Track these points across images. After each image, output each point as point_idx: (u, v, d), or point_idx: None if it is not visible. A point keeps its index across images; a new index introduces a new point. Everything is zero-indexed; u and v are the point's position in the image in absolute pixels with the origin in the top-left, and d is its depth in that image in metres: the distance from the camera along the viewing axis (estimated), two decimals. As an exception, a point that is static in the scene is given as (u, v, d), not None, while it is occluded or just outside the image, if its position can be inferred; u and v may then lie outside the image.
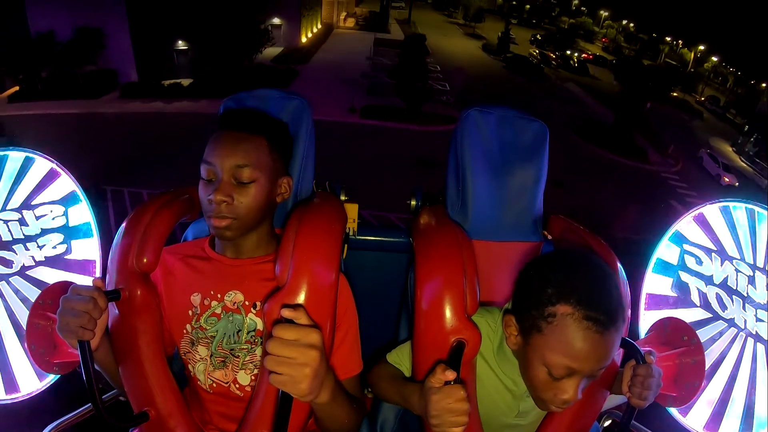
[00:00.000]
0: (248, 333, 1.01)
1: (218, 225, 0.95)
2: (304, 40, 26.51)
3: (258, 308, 1.01)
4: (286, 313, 0.76)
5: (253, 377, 1.00)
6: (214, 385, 1.02)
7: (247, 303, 1.01)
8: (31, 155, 1.29)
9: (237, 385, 1.01)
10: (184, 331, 1.04)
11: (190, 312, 1.03)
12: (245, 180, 0.94)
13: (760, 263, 1.25)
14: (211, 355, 1.02)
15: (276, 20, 23.78)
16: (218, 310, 1.02)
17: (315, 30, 29.73)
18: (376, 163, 13.23)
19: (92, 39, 16.45)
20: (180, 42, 18.74)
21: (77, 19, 16.12)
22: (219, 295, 1.02)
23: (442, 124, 16.73)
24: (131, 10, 17.00)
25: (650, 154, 17.58)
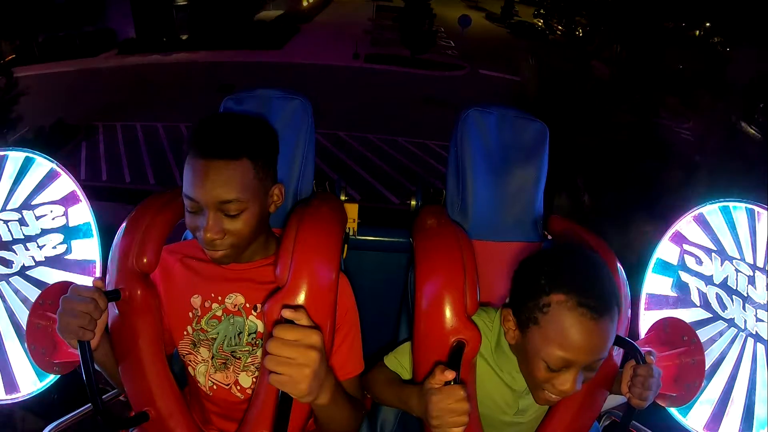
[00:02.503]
0: (249, 335, 1.00)
1: (214, 256, 0.93)
2: (305, 4, 26.34)
3: (259, 310, 1.00)
4: (287, 313, 0.76)
5: (254, 379, 1.00)
6: (215, 387, 1.02)
7: (247, 305, 1.01)
8: (31, 155, 1.29)
9: (238, 387, 1.01)
10: (185, 333, 1.03)
11: (190, 314, 1.03)
12: (233, 213, 0.89)
13: (760, 263, 1.25)
14: (213, 357, 1.01)
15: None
16: (219, 313, 1.01)
17: (316, -3, 29.47)
18: (386, 100, 13.47)
19: (91, -1, 16.20)
20: (179, -2, 18.55)
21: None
22: (219, 298, 1.02)
23: (447, 70, 16.91)
24: (130, -33, 16.73)
25: (661, 111, 17.42)
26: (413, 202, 1.35)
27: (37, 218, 1.28)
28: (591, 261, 0.88)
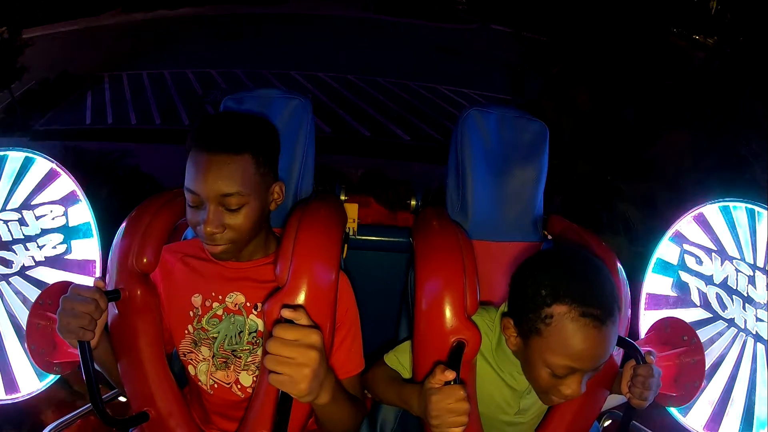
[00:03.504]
0: (250, 334, 1.00)
1: (213, 251, 0.93)
2: None
3: (259, 310, 1.00)
4: (287, 313, 0.76)
5: (254, 378, 1.00)
6: (216, 385, 1.02)
7: (248, 304, 1.01)
8: (31, 155, 1.29)
9: (239, 386, 1.01)
10: (186, 332, 1.03)
11: (191, 313, 1.03)
12: (234, 207, 0.90)
13: (760, 263, 1.25)
14: (213, 356, 1.01)
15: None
16: (219, 312, 1.01)
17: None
18: (397, 49, 13.44)
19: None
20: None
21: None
22: (220, 297, 1.02)
23: (456, 22, 17.02)
24: None
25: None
26: (413, 202, 1.35)
27: (37, 218, 1.28)
28: (589, 265, 0.87)
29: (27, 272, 1.28)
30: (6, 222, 1.27)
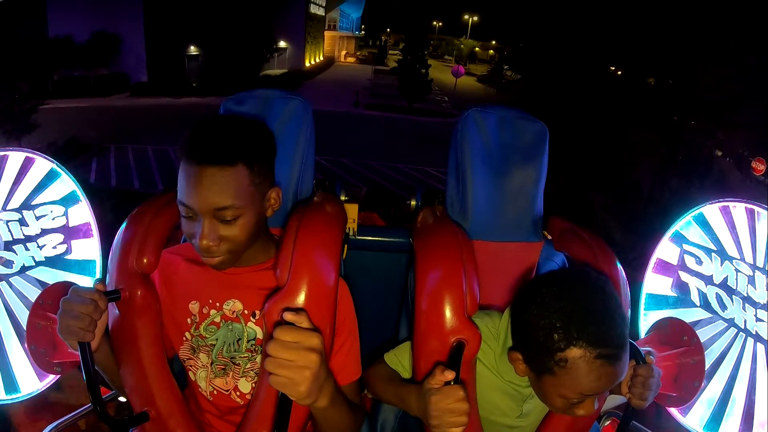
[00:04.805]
0: (248, 342, 0.99)
1: (210, 263, 0.91)
2: (307, 64, 29.64)
3: (257, 317, 0.99)
4: (288, 316, 0.76)
5: (254, 384, 0.99)
6: (215, 392, 1.02)
7: (246, 312, 0.99)
8: (31, 155, 1.29)
9: (238, 393, 1.01)
10: (184, 339, 1.03)
11: (188, 320, 1.02)
12: (229, 218, 0.87)
13: (760, 263, 1.25)
14: (212, 363, 1.01)
15: (282, 43, 26.68)
16: (217, 319, 1.00)
17: (318, 59, 33.55)
18: (386, 139, 15.22)
19: (108, 43, 17.78)
20: (192, 47, 20.35)
21: (95, 24, 17.41)
22: (217, 304, 1.00)
23: (441, 116, 19.19)
24: (148, 17, 18.44)
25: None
26: (413, 202, 1.35)
27: (37, 218, 1.28)
28: (597, 295, 0.84)
29: (27, 272, 1.28)
30: (6, 222, 1.27)
